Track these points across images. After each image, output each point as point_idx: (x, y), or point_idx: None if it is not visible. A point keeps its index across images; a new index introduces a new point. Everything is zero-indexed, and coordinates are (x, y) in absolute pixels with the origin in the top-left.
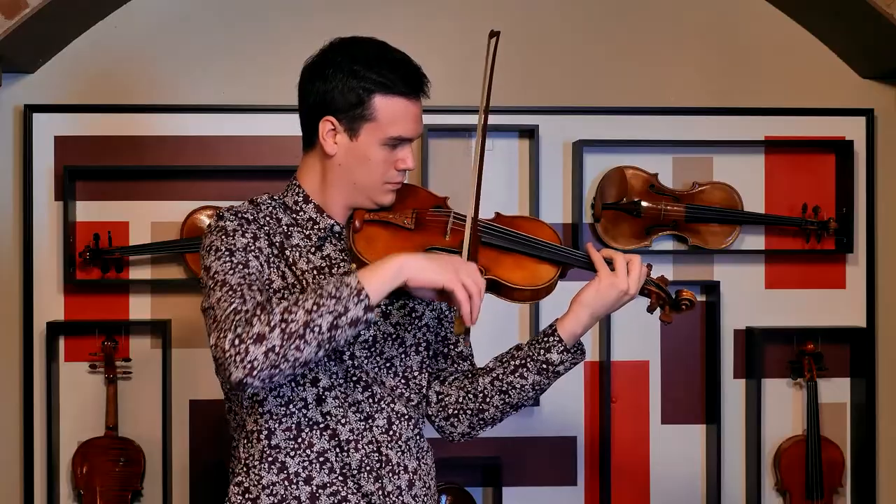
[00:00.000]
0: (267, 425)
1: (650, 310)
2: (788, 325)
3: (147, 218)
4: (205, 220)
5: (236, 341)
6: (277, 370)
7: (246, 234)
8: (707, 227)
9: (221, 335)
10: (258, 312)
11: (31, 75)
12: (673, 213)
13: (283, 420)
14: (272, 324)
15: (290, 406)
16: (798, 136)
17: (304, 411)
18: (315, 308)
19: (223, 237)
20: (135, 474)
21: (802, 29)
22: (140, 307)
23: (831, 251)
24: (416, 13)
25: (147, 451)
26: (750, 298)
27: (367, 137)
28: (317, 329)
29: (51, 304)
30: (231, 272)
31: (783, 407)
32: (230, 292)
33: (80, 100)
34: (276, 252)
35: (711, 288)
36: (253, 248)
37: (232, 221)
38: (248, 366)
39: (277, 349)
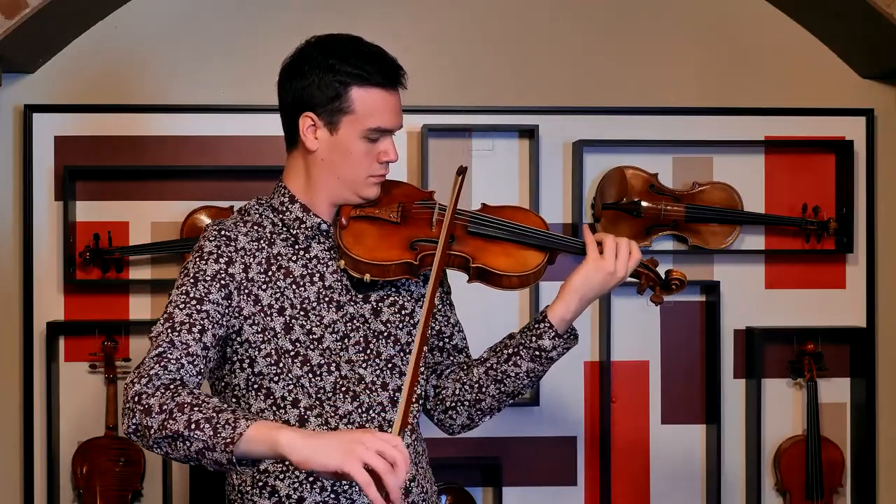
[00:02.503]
0: None
1: (640, 291)
2: (788, 325)
3: (147, 218)
4: (205, 220)
5: (136, 398)
6: (150, 449)
7: (220, 260)
8: (707, 227)
9: (136, 380)
10: (169, 386)
11: (31, 75)
12: (673, 213)
13: None
14: (163, 408)
15: None
16: (798, 136)
17: None
18: (195, 427)
19: (198, 260)
20: (135, 474)
21: (802, 29)
22: (140, 307)
23: (831, 251)
24: (416, 13)
25: (147, 451)
26: (750, 298)
27: (347, 130)
28: (187, 444)
29: (51, 304)
30: (183, 304)
31: (783, 407)
32: (170, 330)
33: (80, 100)
34: (256, 273)
35: (711, 288)
36: (223, 275)
37: (212, 241)
38: (133, 427)
39: (151, 433)
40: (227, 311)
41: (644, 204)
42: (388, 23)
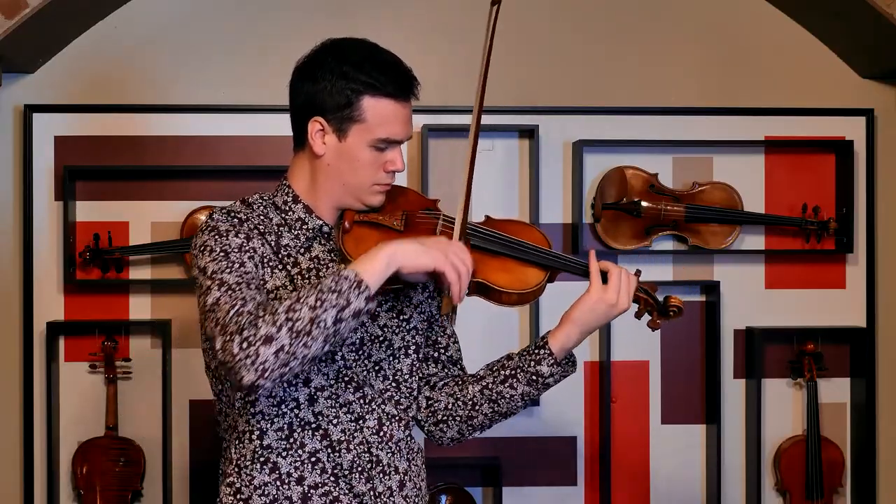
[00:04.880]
0: (259, 425)
1: (638, 316)
2: (788, 325)
3: (147, 218)
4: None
5: (244, 344)
6: (287, 368)
7: (239, 235)
8: (707, 227)
9: (228, 339)
10: (262, 313)
11: (31, 75)
12: (673, 213)
13: (276, 420)
14: (278, 323)
15: (283, 406)
16: (798, 136)
17: (296, 411)
18: (318, 304)
19: (216, 237)
20: (135, 474)
21: (802, 29)
22: (140, 307)
23: (831, 251)
24: (416, 13)
25: (147, 451)
26: (750, 298)
27: (355, 138)
28: (322, 324)
29: (51, 304)
30: (228, 271)
31: (783, 407)
32: (229, 292)
33: (80, 100)
34: (270, 252)
35: (711, 288)
36: (247, 247)
37: (225, 222)
38: (260, 367)
39: (287, 348)
40: (259, 279)
41: (644, 204)
42: (388, 23)
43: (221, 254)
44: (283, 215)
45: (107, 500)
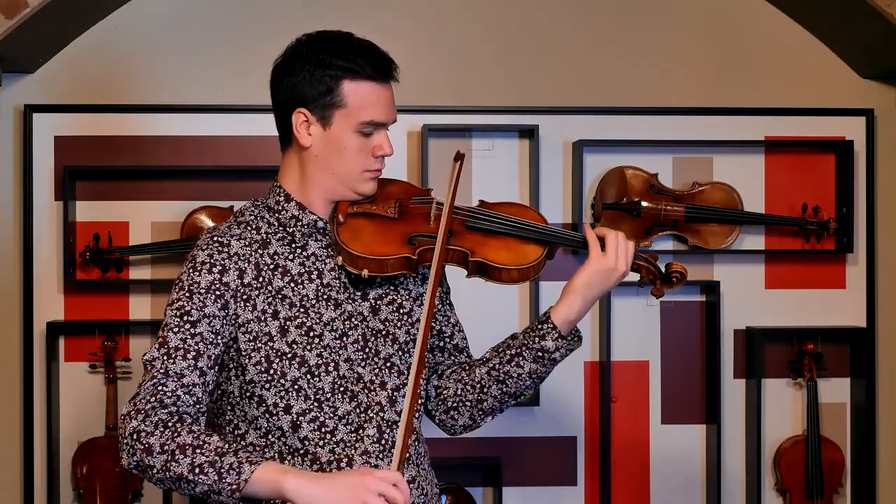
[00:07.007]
0: None
1: (640, 284)
2: (788, 325)
3: (147, 218)
4: (205, 220)
5: (135, 435)
6: (152, 482)
7: (214, 269)
8: (707, 227)
9: (132, 414)
10: (167, 423)
11: (31, 75)
12: (673, 213)
13: (266, 450)
14: (165, 449)
15: (269, 436)
16: (798, 136)
17: (283, 440)
18: (198, 471)
19: (191, 271)
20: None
21: (802, 29)
22: (140, 307)
23: (831, 251)
24: (416, 13)
25: None
26: (750, 298)
27: (340, 124)
28: (190, 486)
29: (51, 304)
30: (177, 328)
31: (783, 407)
32: (164, 357)
33: (80, 100)
34: (251, 277)
35: (711, 288)
36: (218, 285)
37: (204, 250)
38: (133, 463)
39: (155, 472)
40: (224, 322)
41: (644, 204)
42: (388, 22)
43: (186, 294)
44: (276, 216)
45: (107, 500)
